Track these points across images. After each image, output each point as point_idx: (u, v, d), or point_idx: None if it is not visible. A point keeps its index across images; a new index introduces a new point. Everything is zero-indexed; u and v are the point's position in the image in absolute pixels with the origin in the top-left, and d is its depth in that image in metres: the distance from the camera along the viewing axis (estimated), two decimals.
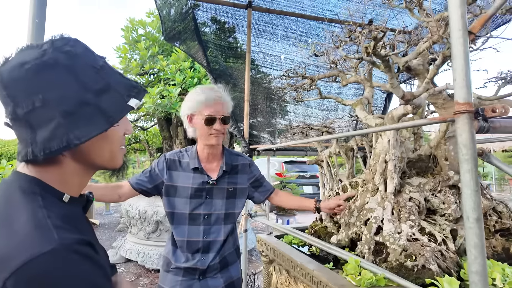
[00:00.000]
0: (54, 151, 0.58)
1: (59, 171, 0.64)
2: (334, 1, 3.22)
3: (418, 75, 1.78)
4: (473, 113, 0.96)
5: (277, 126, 3.48)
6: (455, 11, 0.98)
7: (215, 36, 3.33)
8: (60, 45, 0.61)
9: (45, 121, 0.58)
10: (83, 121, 0.60)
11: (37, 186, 0.61)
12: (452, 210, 1.66)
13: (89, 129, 0.61)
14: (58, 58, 0.59)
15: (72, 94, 0.59)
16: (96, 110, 0.62)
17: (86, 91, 0.61)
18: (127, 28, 5.04)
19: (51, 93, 0.58)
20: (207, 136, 1.46)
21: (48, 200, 0.60)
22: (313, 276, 1.51)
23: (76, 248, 0.53)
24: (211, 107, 1.44)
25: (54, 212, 0.58)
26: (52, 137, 0.58)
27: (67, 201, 0.64)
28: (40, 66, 0.57)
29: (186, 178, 1.53)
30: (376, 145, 1.92)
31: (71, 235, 0.55)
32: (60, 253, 0.50)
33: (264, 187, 1.72)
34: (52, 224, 0.54)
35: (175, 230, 1.52)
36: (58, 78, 0.58)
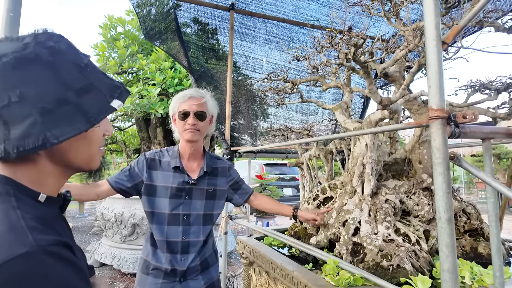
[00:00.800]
0: (29, 149, 0.55)
1: (34, 171, 0.62)
2: (315, 7, 3.28)
3: (395, 81, 1.86)
4: (446, 119, 1.01)
5: (259, 128, 3.49)
6: (430, 22, 1.03)
7: (196, 37, 3.31)
8: (43, 39, 0.59)
9: (21, 118, 0.55)
10: (62, 120, 0.58)
11: (10, 186, 0.58)
12: (425, 211, 1.74)
13: (68, 129, 0.59)
14: (39, 53, 0.57)
15: (51, 91, 0.57)
16: (76, 109, 0.60)
17: (67, 89, 0.59)
18: (105, 26, 4.91)
19: (30, 89, 0.55)
20: (182, 131, 1.50)
21: (22, 201, 0.57)
22: (293, 277, 1.52)
23: (51, 250, 0.51)
24: (185, 102, 1.49)
25: (29, 213, 0.55)
26: (27, 134, 0.55)
27: (43, 201, 0.62)
28: (20, 60, 0.55)
29: (166, 177, 1.53)
30: (354, 148, 1.97)
31: (46, 236, 0.52)
32: (34, 256, 0.48)
33: (243, 190, 1.75)
34: (27, 226, 0.52)
35: (155, 230, 1.50)
36: (38, 74, 0.56)
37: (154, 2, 2.98)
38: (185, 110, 1.48)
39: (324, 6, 3.27)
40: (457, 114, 1.02)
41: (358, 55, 1.15)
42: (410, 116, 2.35)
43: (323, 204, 2.09)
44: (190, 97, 1.50)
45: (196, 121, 1.49)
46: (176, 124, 1.52)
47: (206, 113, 1.52)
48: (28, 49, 0.56)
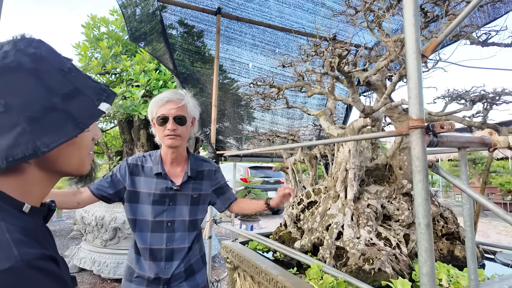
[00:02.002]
0: (19, 159, 0.54)
1: (20, 180, 0.60)
2: (300, 14, 3.34)
3: (377, 90, 1.91)
4: (425, 128, 1.06)
5: (244, 132, 3.51)
6: (410, 36, 1.08)
7: (182, 40, 3.29)
8: (23, 46, 0.58)
9: (7, 128, 0.54)
10: (51, 127, 0.57)
11: None
12: (405, 216, 1.80)
13: (58, 136, 0.58)
14: (21, 61, 0.56)
15: (37, 99, 0.56)
16: (64, 115, 0.59)
17: (52, 96, 0.58)
18: (88, 25, 4.80)
19: (14, 98, 0.54)
20: (162, 137, 1.44)
21: (6, 212, 0.56)
22: (278, 282, 1.54)
23: (36, 264, 0.50)
24: (163, 106, 1.41)
25: (14, 224, 0.54)
26: (16, 144, 0.54)
27: (27, 212, 0.60)
28: (2, 69, 0.54)
29: (148, 183, 1.48)
30: (338, 154, 2.01)
31: (32, 250, 0.51)
32: (19, 271, 0.47)
33: (226, 196, 1.70)
34: (12, 239, 0.50)
35: (137, 238, 1.46)
36: (21, 82, 0.55)
37: (139, 3, 2.95)
38: (163, 115, 1.40)
39: (309, 13, 3.33)
40: (435, 124, 1.07)
41: (342, 66, 1.19)
42: (391, 123, 2.43)
43: (308, 208, 2.12)
44: (168, 101, 1.42)
45: (175, 126, 1.41)
46: (155, 128, 1.46)
47: (186, 117, 1.44)
48: (8, 58, 0.55)
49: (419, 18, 1.08)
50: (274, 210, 10.21)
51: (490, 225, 8.82)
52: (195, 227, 1.55)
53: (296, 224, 2.13)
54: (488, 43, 1.73)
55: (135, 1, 2.92)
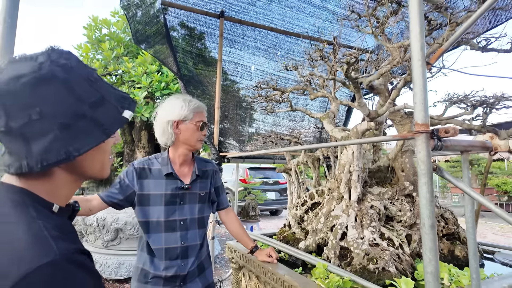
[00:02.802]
0: (52, 163, 0.59)
1: (49, 182, 0.64)
2: (302, 17, 3.39)
3: (379, 94, 1.96)
4: (429, 133, 1.10)
5: (246, 134, 3.55)
6: (415, 44, 1.12)
7: (185, 42, 3.33)
8: (56, 58, 0.62)
9: (41, 134, 0.58)
10: (81, 133, 0.62)
11: (28, 198, 0.61)
12: (407, 217, 1.84)
13: (87, 141, 0.63)
14: (55, 72, 0.60)
15: (68, 107, 0.61)
16: (92, 122, 0.64)
17: (82, 104, 0.62)
18: (89, 27, 4.82)
19: (48, 106, 0.58)
20: (196, 141, 1.54)
21: (40, 212, 0.60)
22: (284, 281, 1.58)
23: (74, 258, 0.54)
24: (201, 113, 1.56)
25: (49, 223, 0.58)
26: (49, 149, 0.58)
27: (56, 211, 0.65)
28: (38, 79, 0.58)
29: (158, 185, 1.53)
30: (341, 156, 2.06)
31: (68, 245, 0.56)
32: (59, 264, 0.51)
33: (221, 199, 1.77)
34: (50, 235, 0.55)
35: (151, 239, 1.50)
36: (55, 91, 0.59)
37: (143, 6, 2.98)
38: (203, 122, 1.55)
39: (311, 16, 3.38)
40: (439, 129, 1.12)
41: (350, 72, 1.23)
42: (392, 125, 2.48)
43: (311, 210, 2.17)
44: (203, 110, 1.58)
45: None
46: (184, 131, 1.52)
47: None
48: (44, 69, 0.59)
49: (424, 29, 1.12)
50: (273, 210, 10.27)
51: (486, 226, 8.91)
52: (204, 224, 1.63)
53: (300, 225, 2.18)
54: (488, 49, 1.79)
55: (138, 3, 2.96)
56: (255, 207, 6.39)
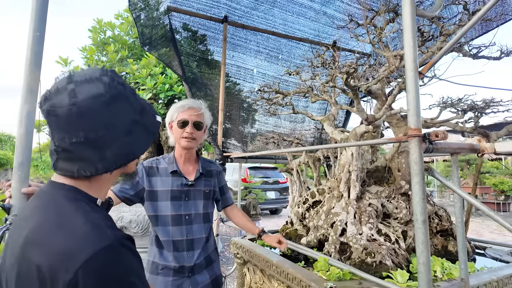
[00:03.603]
0: (123, 164, 0.73)
1: (98, 180, 0.77)
2: (303, 21, 3.50)
3: (377, 98, 2.08)
4: (421, 137, 1.21)
5: (249, 134, 3.66)
6: (409, 56, 1.23)
7: (190, 46, 3.44)
8: (116, 78, 0.75)
9: (113, 142, 0.71)
10: (138, 137, 0.76)
11: (79, 194, 0.73)
12: (403, 214, 1.96)
13: (143, 143, 0.78)
14: (120, 90, 0.72)
15: (129, 116, 0.74)
16: (142, 127, 0.77)
17: (135, 113, 0.76)
18: (94, 29, 4.92)
19: (118, 119, 0.72)
20: (179, 139, 1.64)
21: (91, 205, 0.72)
22: (288, 273, 1.69)
23: (125, 243, 0.66)
24: (184, 112, 1.63)
25: (100, 214, 0.70)
26: (119, 153, 0.72)
27: (100, 205, 0.77)
28: (113, 98, 0.70)
29: (164, 182, 1.66)
30: (341, 157, 2.17)
31: (119, 232, 0.68)
32: (115, 247, 0.63)
33: (225, 197, 1.89)
34: (105, 224, 0.67)
35: (160, 232, 1.62)
36: (122, 106, 0.72)
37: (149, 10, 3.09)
38: (184, 119, 1.62)
39: (311, 21, 3.49)
40: (431, 133, 1.23)
41: (349, 81, 1.34)
42: (388, 127, 2.60)
43: (313, 207, 2.28)
44: (189, 108, 1.64)
45: (193, 130, 1.64)
46: (173, 131, 1.66)
47: (203, 124, 1.68)
48: (113, 88, 0.71)
49: (417, 41, 1.23)
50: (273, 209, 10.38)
51: (483, 224, 9.05)
52: (209, 219, 1.74)
53: (302, 222, 2.29)
54: (479, 56, 1.90)
55: (145, 8, 3.06)
56: (255, 206, 6.51)
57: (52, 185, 0.75)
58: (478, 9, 1.52)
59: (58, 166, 0.73)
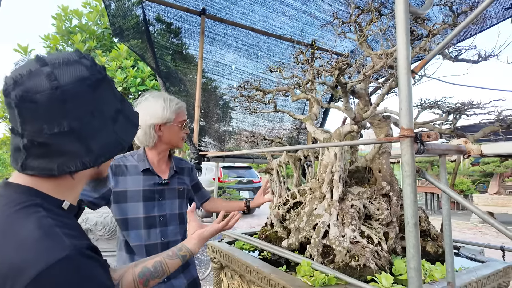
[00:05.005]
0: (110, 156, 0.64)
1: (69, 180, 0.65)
2: (283, 19, 3.44)
3: (360, 98, 2.05)
4: (414, 137, 1.18)
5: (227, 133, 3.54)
6: (402, 54, 1.19)
7: (165, 39, 3.26)
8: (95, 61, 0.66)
9: (100, 130, 0.62)
10: (124, 126, 0.67)
11: (36, 197, 0.61)
12: (385, 215, 1.95)
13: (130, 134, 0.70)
14: (103, 74, 0.64)
15: (113, 104, 0.66)
16: (125, 117, 0.69)
17: (117, 101, 0.67)
18: (59, 16, 4.57)
19: (104, 105, 0.63)
20: (178, 141, 1.57)
21: (49, 209, 0.60)
22: (270, 279, 1.61)
23: (87, 253, 0.56)
24: (182, 113, 1.57)
25: (59, 220, 0.58)
26: (106, 144, 0.63)
27: (66, 208, 0.64)
28: (98, 82, 0.62)
29: (135, 181, 1.52)
30: (323, 157, 2.12)
31: (79, 241, 0.57)
32: (74, 259, 0.53)
33: (202, 193, 1.85)
34: (62, 232, 0.55)
35: (131, 236, 1.49)
36: (107, 92, 0.64)
37: None
38: (185, 121, 1.58)
39: (291, 19, 3.44)
40: (422, 133, 1.20)
41: (341, 77, 1.29)
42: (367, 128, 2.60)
43: (293, 209, 2.22)
44: (184, 108, 1.60)
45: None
46: (167, 132, 1.53)
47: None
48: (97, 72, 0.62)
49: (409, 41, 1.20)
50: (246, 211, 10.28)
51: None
52: (184, 220, 1.64)
53: (282, 223, 2.22)
54: (459, 59, 1.93)
55: None
56: None
57: (5, 187, 0.62)
58: (465, 11, 1.53)
59: (28, 165, 0.60)
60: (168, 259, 1.02)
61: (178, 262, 1.04)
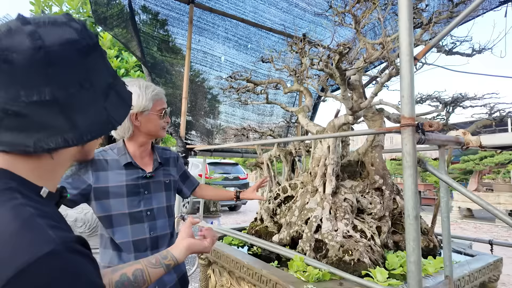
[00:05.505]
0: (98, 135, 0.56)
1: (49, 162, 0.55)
2: (274, 11, 3.36)
3: (354, 89, 2.01)
4: (415, 126, 1.13)
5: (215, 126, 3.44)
6: (404, 41, 1.14)
7: (151, 27, 3.12)
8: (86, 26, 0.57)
9: (88, 104, 0.54)
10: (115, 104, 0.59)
11: (11, 180, 0.52)
12: (378, 209, 1.91)
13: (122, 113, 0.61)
14: (95, 41, 0.56)
15: (106, 76, 0.58)
16: (117, 95, 0.60)
17: (110, 75, 0.59)
18: (37, 2, 4.33)
19: (95, 76, 0.55)
20: (159, 130, 1.47)
21: (27, 196, 0.51)
22: (262, 275, 1.54)
23: (75, 247, 0.48)
24: (161, 101, 1.47)
25: (39, 209, 0.50)
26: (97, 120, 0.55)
27: (44, 196, 0.55)
28: (89, 48, 0.53)
29: (117, 176, 1.42)
30: (316, 150, 2.07)
31: (66, 233, 0.48)
32: (61, 254, 0.44)
33: (190, 181, 1.77)
34: (45, 223, 0.47)
35: (116, 234, 1.39)
36: (99, 62, 0.56)
37: None
38: (164, 108, 1.47)
39: (283, 11, 3.37)
40: (424, 123, 1.16)
41: (341, 63, 1.23)
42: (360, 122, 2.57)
43: (284, 203, 2.16)
44: (163, 95, 1.50)
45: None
46: (147, 122, 1.43)
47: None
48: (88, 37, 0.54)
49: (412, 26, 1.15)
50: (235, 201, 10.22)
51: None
52: (172, 213, 1.57)
53: (273, 218, 2.16)
54: (453, 51, 1.91)
55: None
56: (216, 203, 6.30)
57: None
58: (462, 1, 1.50)
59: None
60: (150, 267, 0.91)
61: (161, 272, 0.93)
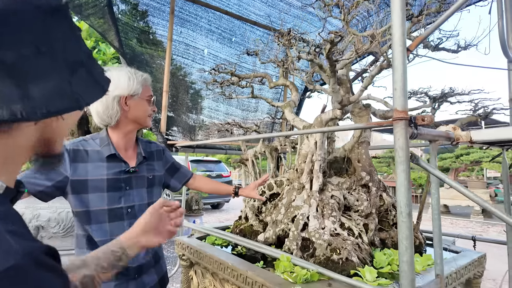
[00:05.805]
0: (57, 111, 0.46)
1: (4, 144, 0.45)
2: (259, 5, 3.28)
3: (342, 84, 1.96)
4: (408, 120, 1.09)
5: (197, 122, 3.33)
6: (397, 31, 1.09)
7: (130, 17, 2.97)
8: None
9: (46, 72, 0.45)
10: (84, 82, 0.51)
11: None
12: (364, 206, 1.88)
13: (92, 94, 0.53)
14: (64, 7, 0.48)
15: (74, 51, 0.50)
16: (89, 75, 0.52)
17: (81, 52, 0.51)
18: None
19: (58, 43, 0.47)
20: (145, 118, 1.37)
21: None
22: (247, 277, 1.47)
23: (41, 259, 0.39)
24: (148, 87, 1.38)
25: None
26: (56, 93, 0.46)
27: (1, 192, 0.46)
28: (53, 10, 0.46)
29: (97, 169, 1.31)
30: (302, 146, 2.02)
31: (30, 242, 0.39)
32: (24, 269, 0.36)
33: (181, 173, 1.65)
34: (5, 230, 0.38)
35: (95, 231, 1.28)
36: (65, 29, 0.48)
37: None
38: (151, 96, 1.37)
39: (268, 5, 3.29)
40: (417, 116, 1.11)
41: (331, 53, 1.16)
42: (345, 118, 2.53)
43: (270, 201, 2.09)
44: (150, 82, 1.41)
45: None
46: (135, 108, 1.32)
47: None
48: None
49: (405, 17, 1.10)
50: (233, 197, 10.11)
51: None
52: None
53: (258, 216, 2.09)
54: (440, 47, 1.90)
55: None
56: (198, 201, 6.18)
57: None
58: None
59: None
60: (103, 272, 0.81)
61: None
